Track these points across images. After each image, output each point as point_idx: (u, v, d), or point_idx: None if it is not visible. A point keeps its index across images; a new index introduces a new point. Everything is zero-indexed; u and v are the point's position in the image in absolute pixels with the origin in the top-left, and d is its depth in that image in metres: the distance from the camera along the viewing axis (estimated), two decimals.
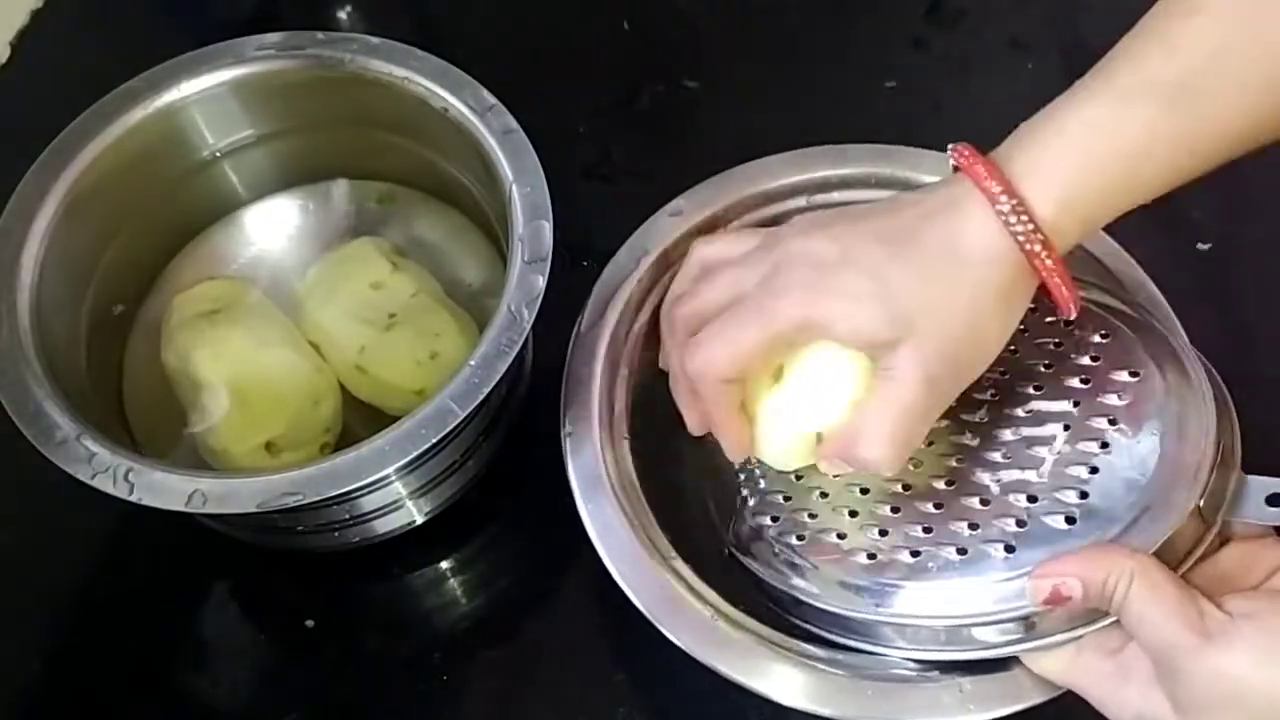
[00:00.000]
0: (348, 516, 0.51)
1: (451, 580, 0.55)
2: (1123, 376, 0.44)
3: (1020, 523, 0.42)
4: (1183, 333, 0.49)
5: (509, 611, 0.54)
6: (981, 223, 0.40)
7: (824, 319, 0.41)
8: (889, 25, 0.73)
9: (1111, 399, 0.44)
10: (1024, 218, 0.39)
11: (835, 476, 0.46)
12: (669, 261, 0.53)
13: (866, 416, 0.41)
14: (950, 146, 0.41)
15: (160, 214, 0.58)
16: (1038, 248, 0.40)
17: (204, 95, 0.56)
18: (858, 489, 0.46)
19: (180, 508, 0.44)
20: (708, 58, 0.72)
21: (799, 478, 0.48)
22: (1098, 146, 0.39)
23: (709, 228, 0.54)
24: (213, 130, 0.57)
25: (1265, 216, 0.64)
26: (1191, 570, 0.41)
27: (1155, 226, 0.63)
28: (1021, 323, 0.46)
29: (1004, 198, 0.39)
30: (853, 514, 0.45)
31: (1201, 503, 0.40)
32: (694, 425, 0.47)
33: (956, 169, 0.42)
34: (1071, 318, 0.42)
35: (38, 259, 0.50)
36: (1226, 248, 0.62)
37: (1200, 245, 0.62)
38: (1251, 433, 0.56)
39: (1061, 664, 0.41)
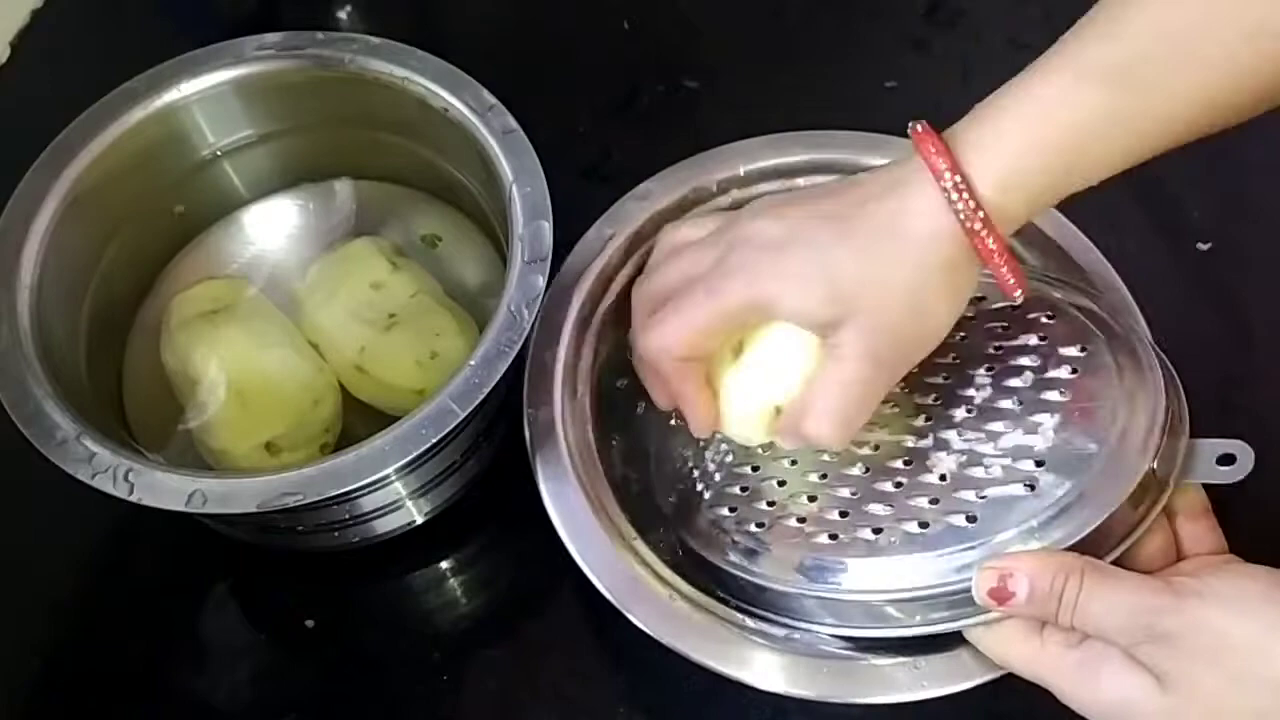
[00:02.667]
0: (348, 516, 0.51)
1: (451, 580, 0.55)
2: (1071, 352, 0.45)
3: (980, 495, 0.42)
4: (1133, 305, 0.50)
5: (509, 611, 0.54)
6: (926, 201, 0.40)
7: (768, 299, 0.42)
8: (889, 25, 0.73)
9: (1062, 373, 0.45)
10: (965, 195, 0.40)
11: (792, 464, 0.47)
12: (636, 244, 0.53)
13: (814, 393, 0.42)
14: (911, 123, 0.42)
15: (160, 214, 0.58)
16: (978, 226, 0.40)
17: (204, 95, 0.56)
18: (816, 475, 0.46)
19: (180, 508, 0.44)
20: (708, 58, 0.72)
21: (755, 469, 0.48)
22: (1043, 126, 0.40)
23: (676, 211, 0.54)
24: (213, 130, 0.58)
25: (1265, 216, 0.64)
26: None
27: (1155, 226, 0.63)
28: (969, 308, 0.47)
29: (948, 174, 0.40)
30: (812, 499, 0.46)
31: (1155, 465, 0.41)
32: (659, 400, 0.48)
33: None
34: (1018, 301, 0.42)
35: (38, 259, 0.50)
36: (1226, 248, 0.62)
37: (1200, 245, 0.62)
38: (1252, 432, 0.56)
39: (1025, 656, 0.41)
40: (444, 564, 0.56)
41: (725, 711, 0.50)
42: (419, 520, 0.54)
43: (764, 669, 0.43)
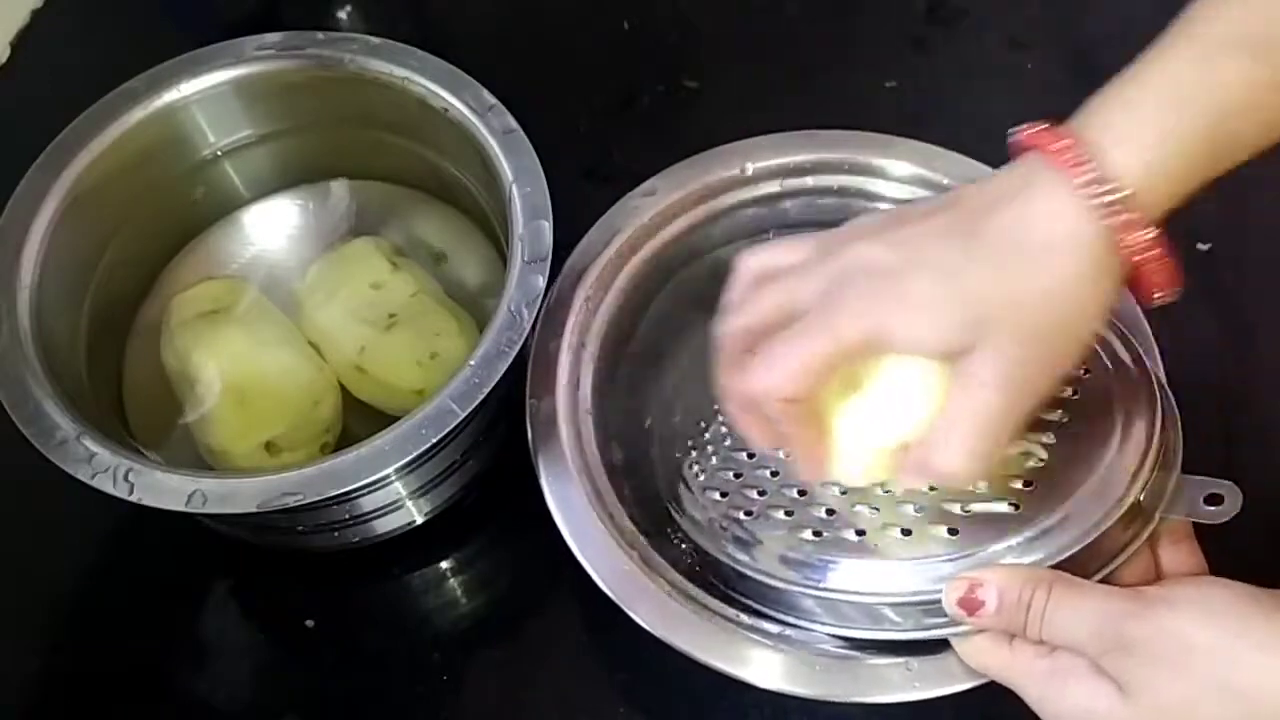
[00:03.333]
0: (348, 516, 0.51)
1: (451, 580, 0.55)
2: (1076, 372, 0.45)
3: (965, 507, 0.43)
4: (1146, 329, 0.49)
5: (509, 611, 0.54)
6: (1058, 203, 0.36)
7: (892, 331, 0.38)
8: (889, 25, 0.73)
9: (1063, 393, 0.44)
10: (1105, 191, 0.35)
11: (787, 455, 0.47)
12: (639, 241, 0.54)
13: (944, 426, 0.38)
14: (1012, 130, 0.38)
15: (160, 214, 0.58)
16: (1123, 222, 0.36)
17: (204, 95, 0.56)
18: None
19: (180, 508, 0.44)
20: (708, 58, 0.72)
21: (751, 455, 0.48)
22: (1184, 106, 0.36)
23: (680, 208, 0.54)
24: (213, 130, 0.58)
25: (1265, 216, 0.64)
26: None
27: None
28: None
29: (1082, 170, 0.36)
30: (801, 493, 0.46)
31: (1142, 497, 0.41)
32: (760, 441, 0.44)
33: (1022, 151, 0.38)
34: (1174, 298, 0.38)
35: (38, 259, 0.50)
36: (1226, 248, 0.62)
37: (1200, 245, 0.62)
38: (1251, 432, 0.56)
39: (999, 661, 0.41)
40: (444, 564, 0.56)
41: (725, 711, 0.50)
42: (419, 520, 0.54)
43: (761, 667, 0.43)
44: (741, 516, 0.47)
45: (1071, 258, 0.36)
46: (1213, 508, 0.41)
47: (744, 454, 0.49)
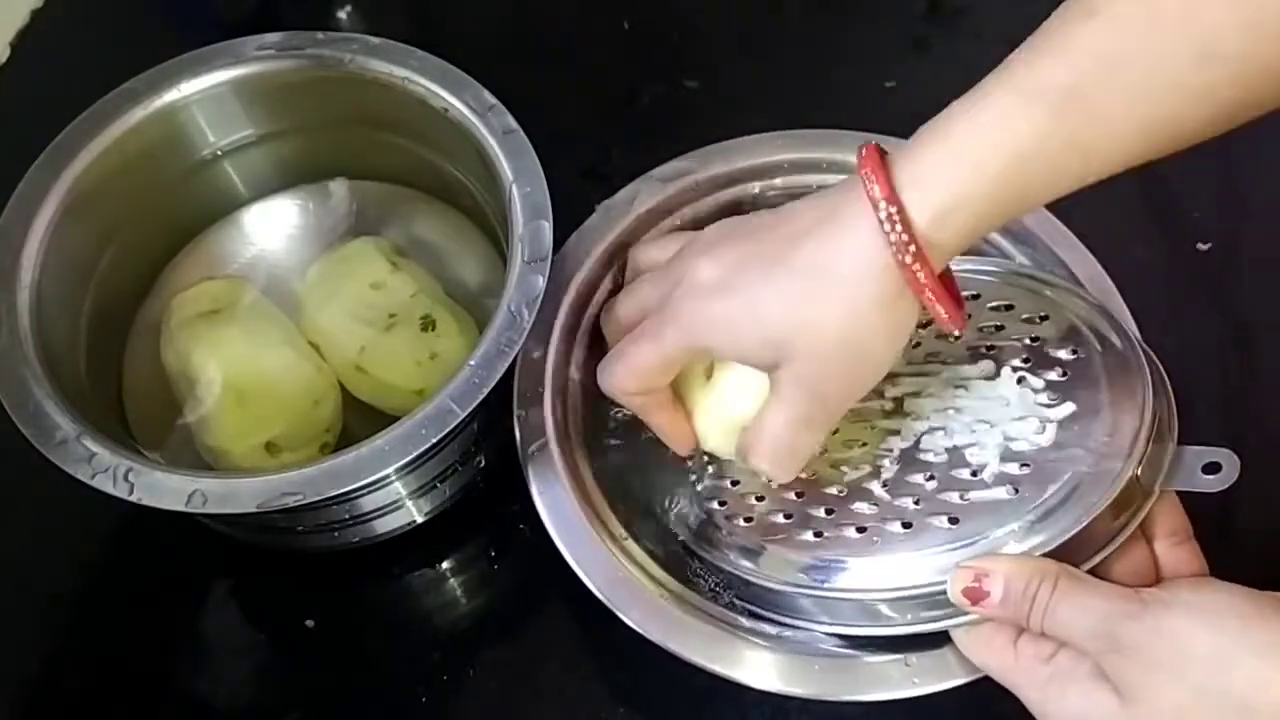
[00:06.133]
0: (348, 516, 0.51)
1: (451, 580, 0.55)
2: (1063, 354, 0.45)
3: (964, 495, 0.43)
4: (1123, 307, 0.50)
5: (509, 611, 0.54)
6: (860, 236, 0.39)
7: (707, 346, 0.43)
8: (889, 25, 0.73)
9: (1052, 374, 0.45)
10: (899, 228, 0.38)
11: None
12: (623, 244, 0.53)
13: (758, 428, 0.43)
14: (862, 144, 0.40)
15: (160, 214, 0.58)
16: (909, 260, 0.38)
17: (204, 95, 0.56)
18: (805, 471, 0.46)
19: (180, 508, 0.44)
20: (708, 58, 0.72)
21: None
22: (983, 153, 0.38)
23: (666, 210, 0.55)
24: (213, 130, 0.58)
25: (1265, 216, 0.64)
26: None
27: (1155, 226, 0.63)
28: (965, 306, 0.46)
29: (884, 204, 0.38)
30: (799, 495, 0.46)
31: (1139, 471, 0.41)
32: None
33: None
34: (957, 334, 0.41)
35: (38, 259, 0.50)
36: (1226, 248, 0.62)
37: (1200, 245, 0.62)
38: (1251, 434, 0.56)
39: (1001, 662, 0.41)
40: (444, 564, 0.56)
41: (725, 711, 0.50)
42: (419, 520, 0.54)
43: (757, 667, 0.43)
44: (741, 524, 0.47)
45: (865, 289, 0.40)
46: (1211, 476, 0.41)
47: (741, 460, 0.49)
